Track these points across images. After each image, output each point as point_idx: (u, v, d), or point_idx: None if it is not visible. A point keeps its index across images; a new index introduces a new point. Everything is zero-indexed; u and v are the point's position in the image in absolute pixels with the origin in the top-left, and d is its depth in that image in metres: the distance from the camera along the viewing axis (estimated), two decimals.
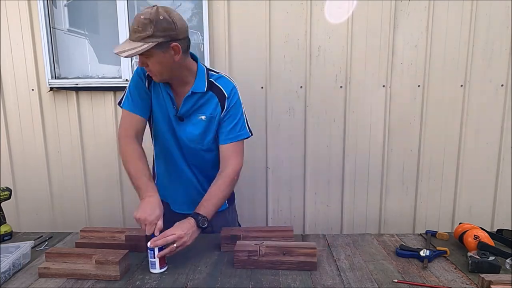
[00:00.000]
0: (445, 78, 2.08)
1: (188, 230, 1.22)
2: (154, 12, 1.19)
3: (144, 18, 1.18)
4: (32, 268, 1.23)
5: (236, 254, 1.23)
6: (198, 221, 1.26)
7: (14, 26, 2.11)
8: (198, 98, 1.37)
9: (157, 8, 1.20)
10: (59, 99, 2.20)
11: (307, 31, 2.06)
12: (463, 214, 2.22)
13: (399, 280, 1.14)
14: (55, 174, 2.28)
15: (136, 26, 1.19)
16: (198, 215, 1.27)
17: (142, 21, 1.18)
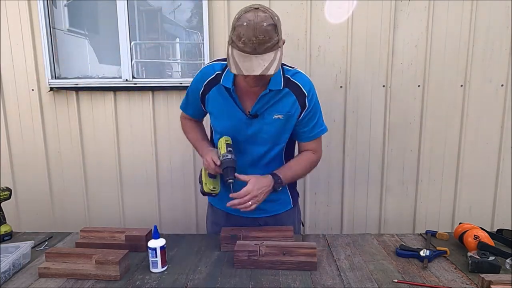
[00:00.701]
0: (445, 78, 2.08)
1: (264, 189, 1.27)
2: (269, 14, 1.11)
3: (267, 24, 1.08)
4: (32, 268, 1.23)
5: (236, 254, 1.23)
6: (276, 182, 1.30)
7: (14, 26, 2.11)
8: (272, 95, 1.29)
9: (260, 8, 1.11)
10: (59, 99, 2.20)
11: (307, 31, 2.06)
12: (463, 214, 2.22)
13: (399, 280, 1.14)
14: (55, 174, 2.28)
15: (261, 37, 1.08)
16: (278, 177, 1.31)
17: (266, 28, 1.08)
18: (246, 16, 1.09)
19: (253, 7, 1.11)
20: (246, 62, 1.11)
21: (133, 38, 2.16)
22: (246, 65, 1.11)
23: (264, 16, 1.09)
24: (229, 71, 1.24)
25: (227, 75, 1.30)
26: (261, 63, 1.11)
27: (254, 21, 1.08)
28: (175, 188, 2.26)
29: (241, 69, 1.11)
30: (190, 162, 2.22)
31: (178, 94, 2.16)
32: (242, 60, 1.12)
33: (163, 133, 2.21)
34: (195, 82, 1.38)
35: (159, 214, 2.30)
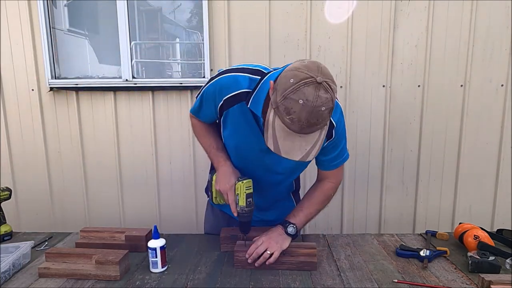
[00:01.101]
0: (445, 78, 2.08)
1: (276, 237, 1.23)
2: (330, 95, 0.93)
3: (326, 109, 0.93)
4: (32, 268, 1.23)
5: (236, 254, 1.23)
6: (286, 228, 1.25)
7: (14, 26, 2.11)
8: None
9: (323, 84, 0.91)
10: (59, 99, 2.20)
11: (307, 31, 2.06)
12: (463, 214, 2.22)
13: (399, 280, 1.14)
14: (55, 174, 2.28)
15: (314, 121, 0.93)
16: (287, 222, 1.26)
17: (322, 113, 0.93)
18: (305, 92, 0.90)
19: (315, 80, 0.91)
20: (287, 141, 0.97)
21: (133, 38, 2.16)
22: (286, 145, 0.97)
23: (325, 99, 0.92)
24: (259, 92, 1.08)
25: (256, 97, 1.10)
26: (303, 146, 0.98)
27: (312, 103, 0.90)
28: (175, 188, 2.26)
29: (279, 149, 0.98)
30: (190, 162, 2.22)
31: (178, 94, 2.16)
32: (283, 137, 0.97)
33: (163, 133, 2.21)
34: (212, 92, 1.19)
35: (159, 214, 2.30)
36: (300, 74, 0.93)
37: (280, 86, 0.95)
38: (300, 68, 0.94)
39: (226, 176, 1.22)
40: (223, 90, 1.15)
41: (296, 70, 0.94)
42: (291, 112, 0.93)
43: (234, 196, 1.20)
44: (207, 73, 2.10)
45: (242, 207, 1.19)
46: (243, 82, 1.13)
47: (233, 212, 1.20)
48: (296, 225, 1.26)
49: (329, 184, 1.34)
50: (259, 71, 1.14)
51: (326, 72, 0.95)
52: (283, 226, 1.26)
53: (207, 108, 1.24)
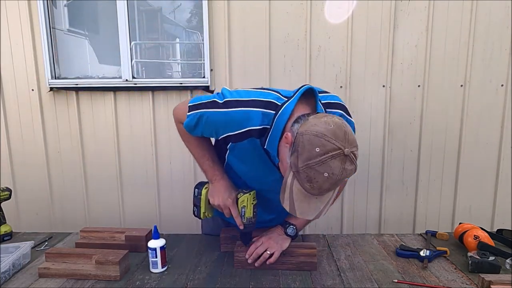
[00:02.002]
0: (445, 78, 2.08)
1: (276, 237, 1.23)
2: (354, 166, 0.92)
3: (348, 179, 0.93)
4: (32, 268, 1.23)
5: (236, 254, 1.23)
6: (286, 228, 1.25)
7: (14, 26, 2.11)
8: None
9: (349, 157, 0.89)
10: (59, 99, 2.20)
11: (307, 31, 2.06)
12: (463, 214, 2.22)
13: (399, 280, 1.14)
14: (55, 174, 2.27)
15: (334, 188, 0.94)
16: (287, 222, 1.26)
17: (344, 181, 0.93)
18: (331, 166, 0.88)
19: (342, 152, 0.88)
20: (303, 203, 0.95)
21: (133, 38, 2.16)
22: (302, 207, 0.95)
23: (350, 171, 0.90)
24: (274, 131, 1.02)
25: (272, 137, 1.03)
26: (318, 206, 0.96)
27: (338, 176, 0.89)
28: (175, 188, 2.26)
29: (295, 211, 0.96)
30: (190, 162, 2.22)
31: (178, 94, 2.16)
32: (300, 200, 0.95)
33: (163, 133, 2.21)
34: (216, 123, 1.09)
35: (159, 214, 2.30)
36: (327, 144, 0.88)
37: (304, 152, 0.90)
38: (327, 135, 0.89)
39: (226, 191, 1.20)
40: (231, 124, 1.07)
41: (323, 137, 0.88)
42: (313, 181, 0.90)
43: (237, 209, 1.19)
44: (207, 73, 2.10)
45: (249, 219, 1.19)
46: (255, 119, 1.04)
47: (239, 225, 1.19)
48: (296, 226, 1.26)
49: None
50: (272, 103, 1.06)
51: (352, 138, 0.92)
52: (283, 226, 1.27)
53: (206, 131, 1.16)
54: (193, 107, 1.13)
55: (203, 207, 1.26)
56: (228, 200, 1.18)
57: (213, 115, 1.08)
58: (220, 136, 1.13)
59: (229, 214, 1.20)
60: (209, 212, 1.28)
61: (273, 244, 1.21)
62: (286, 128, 1.01)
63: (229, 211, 1.20)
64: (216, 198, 1.20)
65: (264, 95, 1.07)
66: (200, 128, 1.14)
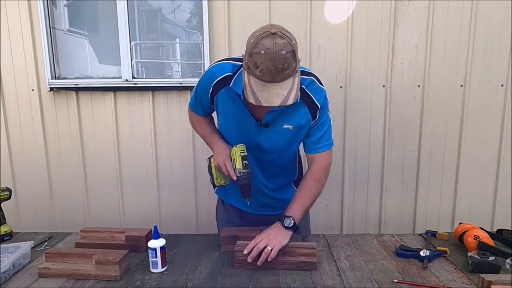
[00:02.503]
0: (445, 78, 2.08)
1: (272, 231, 1.25)
2: (287, 40, 1.05)
3: (286, 52, 1.04)
4: (32, 268, 1.23)
5: (236, 254, 1.23)
6: (283, 221, 1.27)
7: (14, 26, 2.11)
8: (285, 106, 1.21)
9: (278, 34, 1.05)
10: (59, 99, 2.20)
11: (307, 31, 2.06)
12: (463, 214, 2.22)
13: (399, 280, 1.14)
14: (55, 174, 2.28)
15: (280, 66, 1.04)
16: (283, 216, 1.28)
17: (285, 56, 1.04)
18: (263, 43, 1.04)
19: (270, 32, 1.05)
20: (264, 92, 1.08)
21: (133, 38, 2.16)
22: (264, 96, 1.08)
23: (282, 44, 1.04)
24: (241, 74, 1.19)
25: (238, 79, 1.22)
26: (279, 92, 1.08)
27: (272, 49, 1.03)
28: (175, 188, 2.27)
29: (259, 100, 1.08)
30: (190, 162, 2.22)
31: (178, 94, 2.16)
32: (260, 90, 1.08)
33: (163, 133, 2.21)
34: (203, 82, 1.32)
35: (159, 214, 2.30)
36: (256, 32, 1.08)
37: (246, 50, 1.10)
38: (257, 30, 1.09)
39: (221, 150, 1.32)
40: (211, 77, 1.28)
41: (254, 32, 1.10)
42: (259, 65, 1.05)
43: (231, 163, 1.28)
44: None
45: (239, 170, 1.25)
46: (227, 68, 1.26)
47: (232, 176, 1.26)
48: (293, 216, 1.27)
49: (317, 166, 1.36)
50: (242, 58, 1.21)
51: (280, 26, 1.09)
52: (280, 220, 1.28)
53: (201, 98, 1.36)
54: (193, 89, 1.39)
55: (215, 174, 1.36)
56: (223, 156, 1.29)
57: (201, 79, 1.33)
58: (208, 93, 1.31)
59: (226, 172, 1.28)
60: (221, 179, 1.35)
61: (272, 240, 1.22)
62: None
63: (225, 169, 1.28)
64: (216, 159, 1.32)
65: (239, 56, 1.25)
66: (198, 99, 1.38)
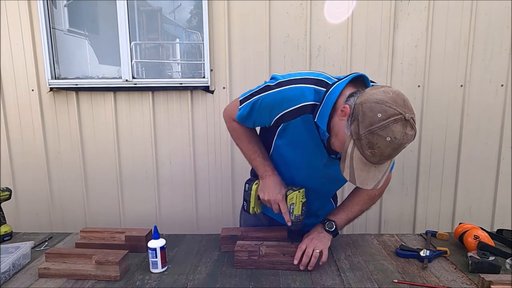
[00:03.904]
0: (445, 78, 2.08)
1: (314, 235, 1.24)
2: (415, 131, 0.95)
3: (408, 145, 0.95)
4: (32, 269, 1.23)
5: (236, 254, 1.23)
6: (324, 224, 1.26)
7: (14, 26, 2.11)
8: None
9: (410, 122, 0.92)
10: (59, 99, 2.20)
11: (307, 31, 2.06)
12: (463, 214, 2.22)
13: (399, 280, 1.14)
14: (55, 174, 2.28)
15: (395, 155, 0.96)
16: (325, 219, 1.27)
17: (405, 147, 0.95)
18: (394, 130, 0.90)
19: (404, 117, 0.91)
20: (363, 172, 0.98)
21: (133, 38, 2.16)
22: (361, 176, 0.99)
23: (411, 136, 0.93)
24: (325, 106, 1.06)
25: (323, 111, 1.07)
26: (376, 176, 0.99)
27: (400, 141, 0.92)
28: (175, 188, 2.26)
29: (355, 180, 1.00)
30: (190, 162, 2.22)
31: (178, 95, 2.16)
32: (360, 168, 0.98)
33: (163, 133, 2.21)
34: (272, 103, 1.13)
35: (159, 214, 2.30)
36: (389, 109, 0.91)
37: (365, 119, 0.93)
38: (387, 102, 0.92)
39: (276, 186, 1.22)
40: (286, 102, 1.11)
41: (383, 104, 0.92)
42: (375, 147, 0.93)
43: (286, 205, 1.21)
44: (207, 73, 2.10)
45: (297, 216, 1.20)
46: (308, 95, 1.09)
47: (287, 221, 1.21)
48: (335, 222, 1.26)
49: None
50: (323, 81, 1.11)
51: (410, 106, 0.95)
52: (321, 223, 1.28)
53: (261, 116, 1.19)
54: (245, 98, 1.21)
55: (253, 202, 1.29)
56: (278, 195, 1.21)
57: (267, 97, 1.14)
58: (274, 117, 1.15)
59: (278, 210, 1.22)
60: (258, 208, 1.31)
61: (317, 243, 1.22)
62: (338, 104, 1.05)
63: (278, 207, 1.21)
64: (267, 194, 1.22)
65: (315, 74, 1.13)
66: (253, 116, 1.20)
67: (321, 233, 1.26)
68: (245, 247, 1.23)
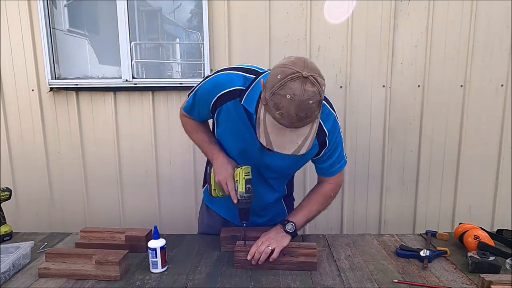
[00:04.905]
0: (445, 78, 2.08)
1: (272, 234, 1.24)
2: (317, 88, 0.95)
3: (313, 102, 0.95)
4: (32, 269, 1.23)
5: (236, 254, 1.23)
6: (284, 225, 1.26)
7: (14, 26, 2.11)
8: None
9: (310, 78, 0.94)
10: (59, 99, 2.20)
11: (307, 31, 2.06)
12: (463, 214, 2.22)
13: (399, 280, 1.14)
14: (55, 174, 2.28)
15: (303, 114, 0.96)
16: (285, 220, 1.27)
17: (310, 106, 0.95)
18: (291, 87, 0.94)
19: (301, 74, 0.94)
20: (279, 136, 1.00)
21: (133, 39, 2.16)
22: (278, 141, 1.00)
23: (312, 92, 0.94)
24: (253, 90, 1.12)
25: (250, 95, 1.13)
26: (294, 140, 1.00)
27: (299, 97, 0.93)
28: (175, 188, 2.26)
29: (271, 144, 1.00)
30: (190, 162, 2.22)
31: (178, 94, 2.16)
32: (275, 133, 1.00)
33: (163, 133, 2.21)
34: (205, 89, 1.21)
35: (159, 214, 2.30)
36: (287, 70, 0.96)
37: (269, 83, 0.99)
38: (287, 64, 0.98)
39: (224, 166, 1.24)
40: (218, 87, 1.17)
41: (283, 66, 0.98)
42: (280, 107, 0.96)
43: (233, 183, 1.22)
44: (207, 73, 2.10)
45: (241, 193, 1.20)
46: (237, 80, 1.16)
47: (233, 199, 1.21)
48: (295, 223, 1.27)
49: (329, 185, 1.35)
50: (254, 70, 1.18)
51: (313, 66, 0.99)
52: (281, 224, 1.28)
53: (201, 105, 1.25)
54: (190, 92, 1.28)
55: (213, 184, 1.29)
56: (225, 174, 1.22)
57: (203, 85, 1.22)
58: (210, 103, 1.20)
59: (227, 190, 1.23)
60: (219, 191, 1.30)
61: (272, 242, 1.22)
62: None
63: (227, 187, 1.22)
64: (217, 175, 1.24)
65: (248, 65, 1.20)
66: (196, 106, 1.27)
67: (279, 233, 1.25)
68: (245, 247, 1.23)
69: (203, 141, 1.33)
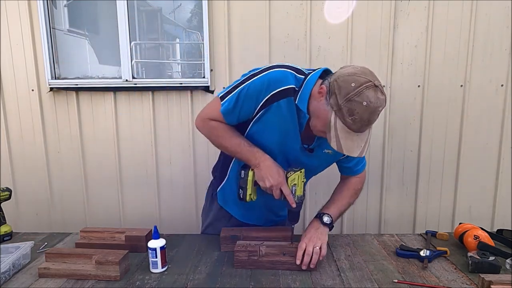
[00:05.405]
0: (445, 78, 2.08)
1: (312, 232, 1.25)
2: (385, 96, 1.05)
3: (381, 108, 1.05)
4: (32, 269, 1.23)
5: (236, 254, 1.23)
6: (321, 218, 1.28)
7: (14, 26, 2.11)
8: None
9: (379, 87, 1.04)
10: (59, 99, 2.20)
11: (307, 31, 2.06)
12: (463, 214, 2.22)
13: (399, 280, 1.14)
14: (55, 174, 2.27)
15: (373, 120, 1.06)
16: (321, 213, 1.30)
17: (379, 113, 1.06)
18: (367, 94, 1.01)
19: (373, 83, 1.03)
20: (347, 141, 1.07)
21: (133, 38, 2.16)
22: (347, 145, 1.07)
23: (382, 100, 1.04)
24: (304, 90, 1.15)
25: (303, 94, 1.15)
26: (359, 144, 1.08)
27: (374, 104, 1.02)
28: (175, 188, 2.26)
29: (342, 148, 1.07)
30: (190, 162, 2.22)
31: (178, 95, 2.16)
32: (345, 137, 1.07)
33: (163, 133, 2.21)
34: (258, 88, 1.16)
35: (159, 214, 2.30)
36: (360, 78, 1.03)
37: (341, 90, 1.04)
38: (357, 73, 1.05)
39: (274, 170, 1.21)
40: (272, 84, 1.16)
41: (354, 75, 1.04)
42: (355, 113, 1.03)
43: (289, 188, 1.21)
44: (207, 73, 2.10)
45: (299, 197, 1.21)
46: (291, 78, 1.17)
47: (291, 203, 1.20)
48: (331, 215, 1.29)
49: (356, 178, 1.41)
50: (301, 70, 1.21)
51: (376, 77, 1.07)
52: (318, 218, 1.29)
53: (247, 104, 1.19)
54: (226, 93, 1.21)
55: (249, 189, 1.26)
56: (280, 179, 1.20)
57: (254, 82, 1.17)
58: (261, 101, 1.17)
59: (279, 195, 1.21)
60: (254, 195, 1.29)
61: (316, 240, 1.23)
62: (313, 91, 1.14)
63: (279, 192, 1.20)
64: (267, 180, 1.20)
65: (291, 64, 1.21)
66: (239, 106, 1.19)
67: (318, 228, 1.26)
68: (245, 247, 1.23)
69: (242, 145, 1.24)
